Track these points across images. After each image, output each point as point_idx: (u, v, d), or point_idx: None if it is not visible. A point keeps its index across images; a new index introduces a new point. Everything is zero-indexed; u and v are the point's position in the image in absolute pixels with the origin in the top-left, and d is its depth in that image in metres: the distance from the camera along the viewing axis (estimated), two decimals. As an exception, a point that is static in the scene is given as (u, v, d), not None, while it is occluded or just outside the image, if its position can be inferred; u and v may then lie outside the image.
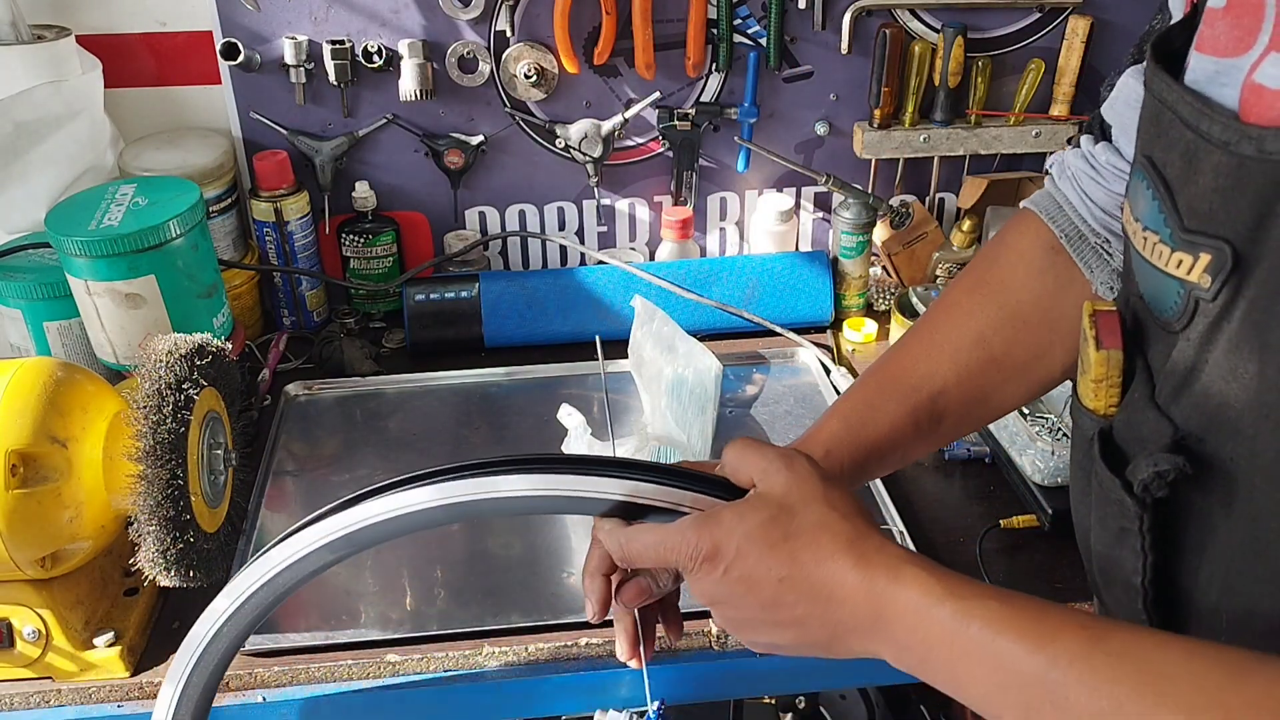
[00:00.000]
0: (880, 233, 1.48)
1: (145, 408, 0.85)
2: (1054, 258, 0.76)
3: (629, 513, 0.66)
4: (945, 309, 0.79)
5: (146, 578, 0.88)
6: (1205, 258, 0.53)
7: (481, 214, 1.50)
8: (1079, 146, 0.77)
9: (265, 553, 0.66)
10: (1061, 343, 0.76)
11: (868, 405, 0.77)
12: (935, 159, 1.49)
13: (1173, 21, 0.66)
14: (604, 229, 1.53)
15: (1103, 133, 0.76)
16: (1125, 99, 0.72)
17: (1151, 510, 0.58)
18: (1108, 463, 0.61)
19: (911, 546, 1.04)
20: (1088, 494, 0.65)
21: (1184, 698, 0.46)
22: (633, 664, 0.72)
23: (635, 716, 0.73)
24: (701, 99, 1.45)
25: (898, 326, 1.38)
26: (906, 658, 0.56)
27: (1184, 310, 0.55)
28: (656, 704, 0.72)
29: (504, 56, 1.39)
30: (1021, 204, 0.81)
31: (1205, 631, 0.59)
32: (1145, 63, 0.59)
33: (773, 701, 1.50)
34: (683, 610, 0.97)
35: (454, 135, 1.43)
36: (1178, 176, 0.55)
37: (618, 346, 1.35)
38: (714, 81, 1.44)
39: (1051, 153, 1.47)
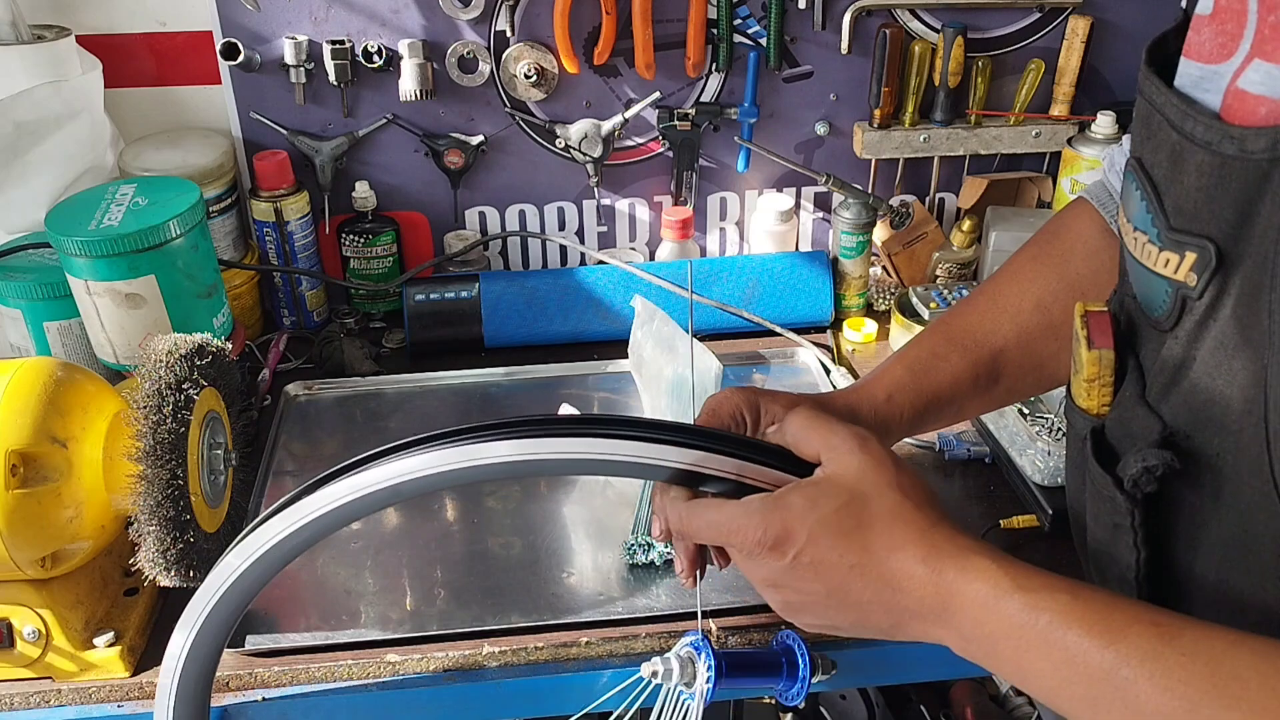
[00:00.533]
0: (880, 233, 1.48)
1: (145, 408, 0.85)
2: (1108, 239, 0.79)
3: (690, 480, 0.64)
4: (1009, 274, 0.82)
5: (146, 578, 0.88)
6: (1191, 256, 0.54)
7: (481, 214, 1.50)
8: (1122, 144, 0.81)
9: (332, 477, 0.65)
10: None
11: (932, 355, 0.78)
12: (935, 159, 1.49)
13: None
14: (604, 229, 1.53)
15: None
16: None
17: (1142, 506, 0.59)
18: (1099, 460, 0.61)
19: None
20: (1082, 491, 0.66)
21: (1258, 701, 0.46)
22: (688, 584, 0.71)
23: (676, 657, 0.72)
24: (701, 99, 1.45)
25: (898, 326, 1.38)
26: (971, 649, 0.56)
27: (1172, 309, 0.56)
28: (699, 635, 0.72)
29: (504, 56, 1.39)
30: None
31: None
32: (1140, 66, 0.60)
33: (772, 702, 1.50)
34: (675, 612, 0.98)
35: (454, 135, 1.43)
36: (1164, 177, 0.56)
37: (618, 346, 1.35)
38: (714, 81, 1.44)
39: (1051, 153, 1.49)
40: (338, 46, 1.33)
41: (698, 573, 0.71)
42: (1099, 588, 0.53)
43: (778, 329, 1.41)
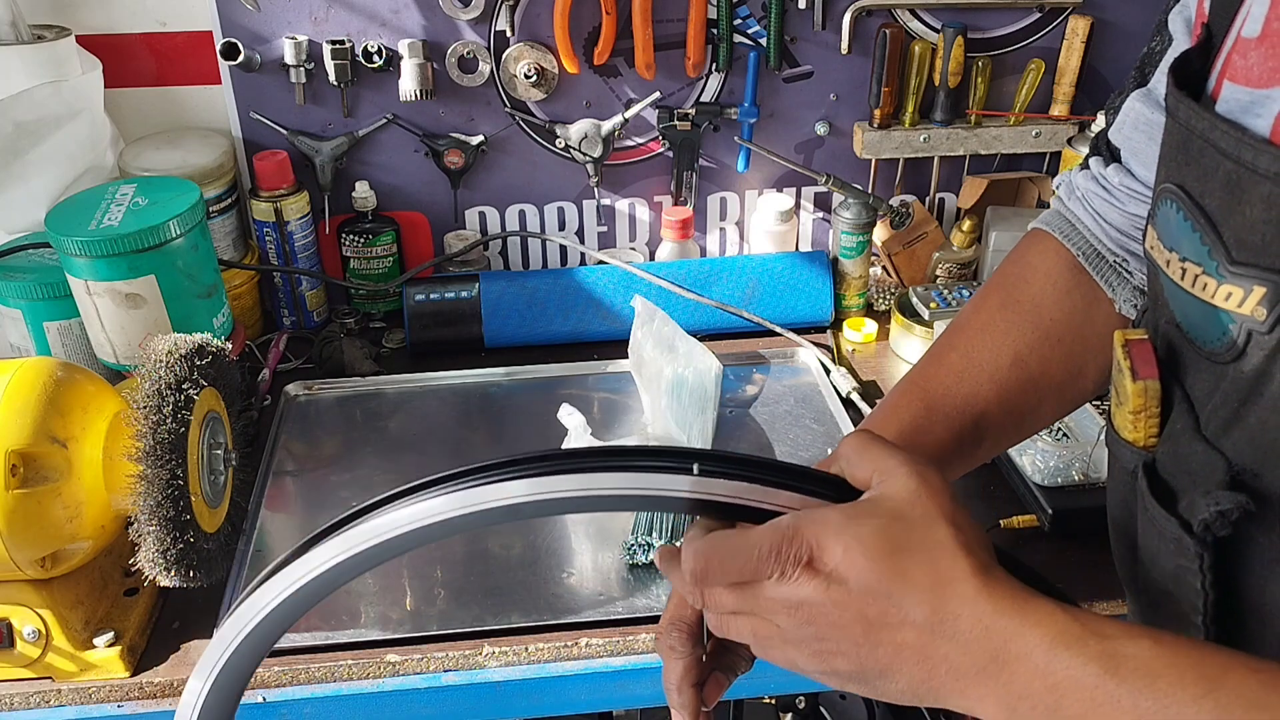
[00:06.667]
0: (880, 233, 1.48)
1: (145, 408, 0.85)
2: (1078, 276, 0.76)
3: (716, 513, 0.57)
4: (979, 328, 0.77)
5: (146, 578, 0.88)
6: (1260, 291, 0.51)
7: (481, 214, 1.50)
8: (1086, 168, 0.77)
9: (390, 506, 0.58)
10: (1094, 360, 0.75)
11: (915, 430, 0.73)
12: (935, 159, 1.49)
13: (1172, 44, 0.65)
14: (604, 229, 1.53)
15: (1111, 155, 0.75)
16: (1134, 123, 0.72)
17: (1212, 549, 0.55)
18: (1158, 498, 0.58)
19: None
20: (1129, 527, 0.63)
21: None
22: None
23: None
24: (701, 99, 1.45)
25: (898, 326, 1.38)
26: (1024, 708, 0.48)
27: (1234, 342, 0.53)
28: None
29: (504, 56, 1.39)
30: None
31: None
32: (1165, 87, 0.57)
33: (773, 701, 1.50)
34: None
35: (454, 135, 1.43)
36: (1220, 208, 0.53)
37: (618, 346, 1.35)
38: (714, 81, 1.44)
39: (1052, 153, 1.49)
40: (338, 46, 1.33)
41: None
42: (1182, 636, 0.48)
43: (778, 329, 1.41)
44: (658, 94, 1.42)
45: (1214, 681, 0.44)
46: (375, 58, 1.34)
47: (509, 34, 1.37)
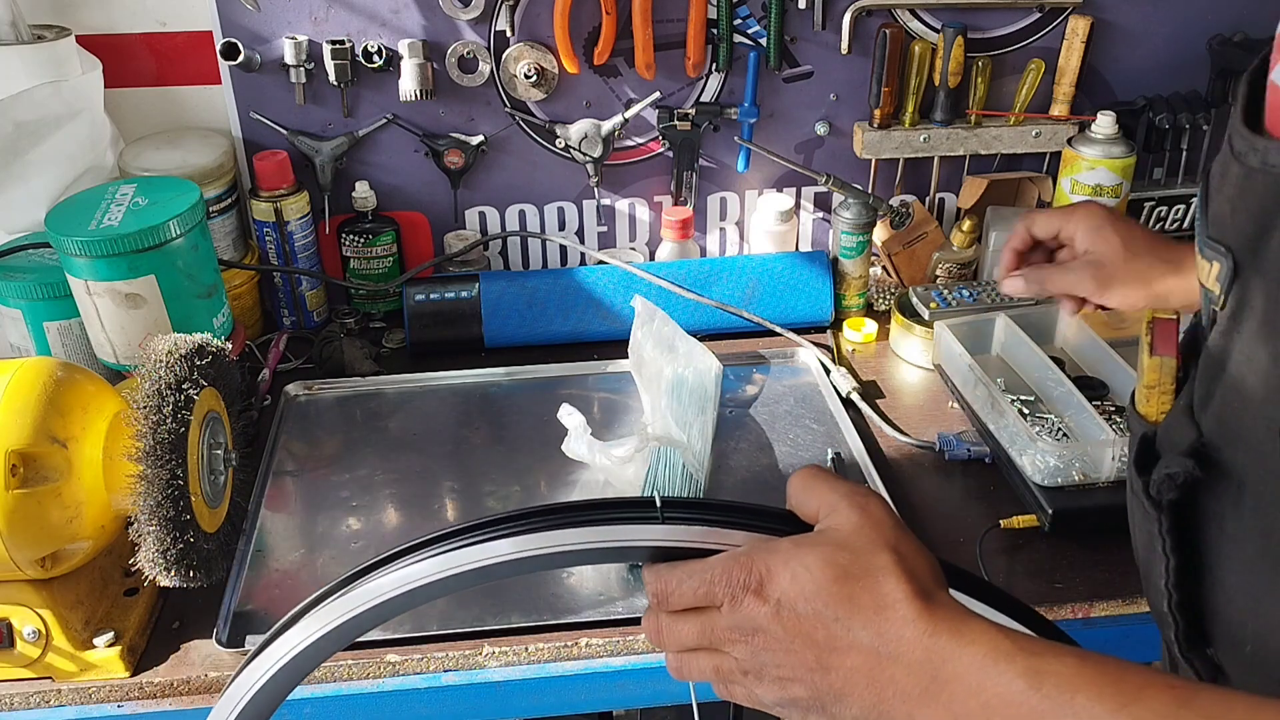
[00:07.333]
0: (880, 233, 1.48)
1: (145, 408, 0.85)
2: None
3: (680, 557, 0.59)
4: None
5: (146, 578, 0.88)
6: (1216, 265, 0.54)
7: (481, 214, 1.50)
8: None
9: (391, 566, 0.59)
10: None
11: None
12: (935, 159, 1.49)
13: None
14: (604, 229, 1.53)
15: None
16: None
17: (1169, 512, 0.57)
18: (1138, 467, 0.60)
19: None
20: (1133, 499, 0.66)
21: None
22: None
23: None
24: (701, 99, 1.45)
25: (898, 326, 1.38)
26: None
27: (1209, 318, 0.56)
28: None
29: (504, 56, 1.39)
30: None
31: (1229, 642, 0.58)
32: None
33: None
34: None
35: (454, 135, 1.43)
36: (1215, 187, 0.56)
37: (618, 346, 1.35)
38: (714, 81, 1.44)
39: (1052, 153, 1.49)
40: (338, 46, 1.33)
41: None
42: (1108, 655, 0.50)
43: (778, 329, 1.41)
44: (658, 94, 1.42)
45: (1130, 697, 0.46)
46: (375, 58, 1.34)
47: (509, 34, 1.37)
